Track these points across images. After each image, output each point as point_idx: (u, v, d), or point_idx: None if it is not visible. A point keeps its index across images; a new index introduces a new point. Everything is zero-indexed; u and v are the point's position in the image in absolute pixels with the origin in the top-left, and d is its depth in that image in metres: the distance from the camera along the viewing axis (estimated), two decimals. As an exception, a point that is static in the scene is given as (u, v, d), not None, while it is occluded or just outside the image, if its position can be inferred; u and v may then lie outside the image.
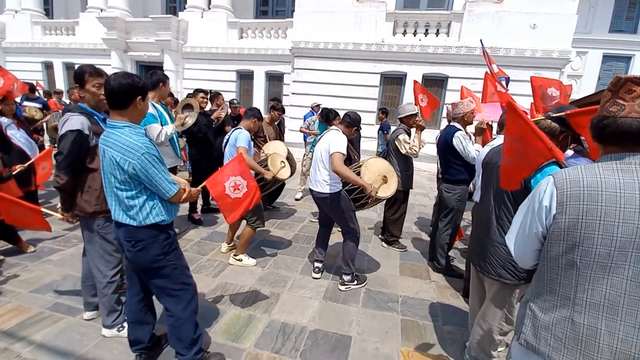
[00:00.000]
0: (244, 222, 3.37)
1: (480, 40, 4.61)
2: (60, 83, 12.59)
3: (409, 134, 3.74)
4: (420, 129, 3.69)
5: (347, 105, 8.07)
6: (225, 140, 3.35)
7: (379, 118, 7.50)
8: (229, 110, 5.27)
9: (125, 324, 2.21)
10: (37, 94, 7.14)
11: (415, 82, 3.92)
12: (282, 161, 3.66)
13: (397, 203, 3.90)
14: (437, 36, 8.81)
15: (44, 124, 5.86)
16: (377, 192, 2.99)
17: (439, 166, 3.67)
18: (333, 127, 3.10)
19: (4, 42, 12.94)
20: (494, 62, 4.24)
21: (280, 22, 10.53)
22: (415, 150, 3.59)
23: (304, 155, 5.76)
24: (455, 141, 3.20)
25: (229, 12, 10.89)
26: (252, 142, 3.33)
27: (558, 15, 7.79)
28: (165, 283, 1.85)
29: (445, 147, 3.32)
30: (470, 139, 3.38)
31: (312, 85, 9.49)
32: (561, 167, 1.54)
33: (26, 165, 3.13)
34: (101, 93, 2.08)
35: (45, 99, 7.55)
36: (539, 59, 8.02)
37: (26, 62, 12.90)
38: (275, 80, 10.71)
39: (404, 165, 3.73)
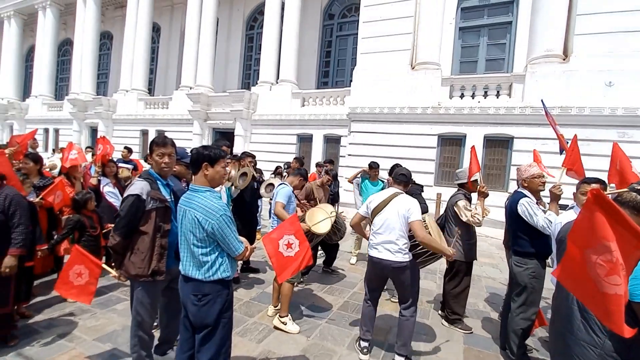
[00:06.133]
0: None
1: (542, 101, 4.35)
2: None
3: (470, 200, 3.49)
4: (483, 195, 3.37)
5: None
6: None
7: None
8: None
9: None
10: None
11: (472, 147, 3.74)
12: (327, 217, 3.49)
13: (460, 275, 3.51)
14: (497, 97, 8.62)
15: None
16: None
17: (505, 233, 3.29)
18: (393, 187, 2.97)
19: (114, 114, 16.10)
20: (557, 123, 3.93)
21: (338, 91, 11.39)
22: (478, 219, 3.28)
23: None
24: (520, 209, 2.89)
25: (293, 84, 12.20)
26: (293, 197, 3.43)
27: (637, 71, 7.14)
28: (216, 343, 1.89)
29: (512, 214, 3.00)
30: (541, 205, 3.02)
31: (367, 147, 9.71)
32: None
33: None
34: (163, 162, 2.24)
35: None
36: (620, 117, 7.24)
37: (128, 130, 15.71)
38: (332, 142, 11.25)
39: (466, 233, 3.41)
